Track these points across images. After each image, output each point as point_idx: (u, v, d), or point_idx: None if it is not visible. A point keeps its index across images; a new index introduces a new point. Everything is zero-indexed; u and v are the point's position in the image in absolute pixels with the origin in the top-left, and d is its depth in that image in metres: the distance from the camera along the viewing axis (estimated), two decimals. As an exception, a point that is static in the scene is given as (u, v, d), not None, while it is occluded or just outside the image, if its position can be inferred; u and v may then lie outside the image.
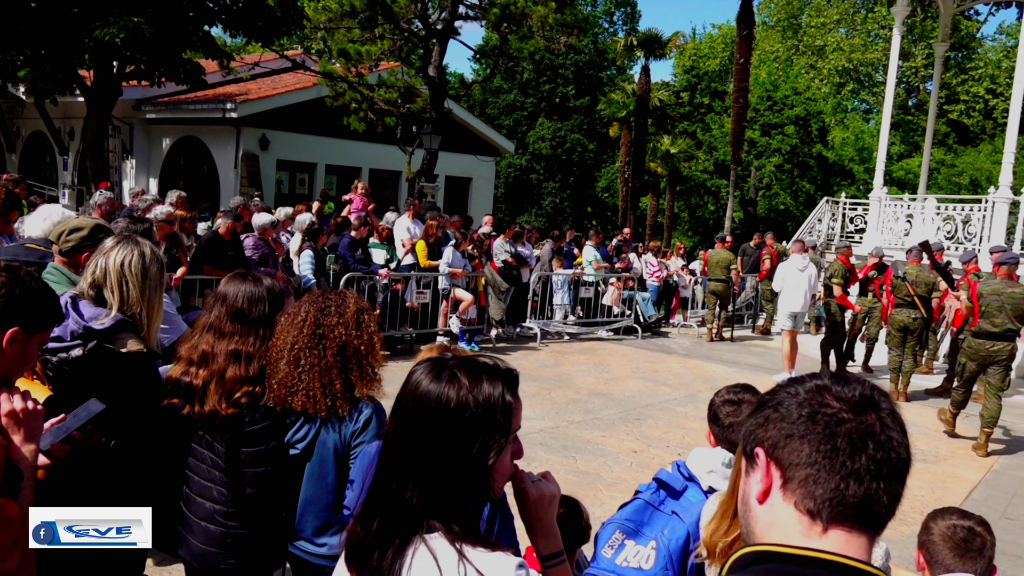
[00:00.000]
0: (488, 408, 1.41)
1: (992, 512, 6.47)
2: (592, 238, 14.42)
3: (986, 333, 8.17)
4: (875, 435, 1.05)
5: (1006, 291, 8.09)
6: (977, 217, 13.31)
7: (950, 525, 2.37)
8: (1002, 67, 31.53)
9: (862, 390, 1.09)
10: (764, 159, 32.17)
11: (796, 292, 11.39)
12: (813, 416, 1.07)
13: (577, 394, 9.41)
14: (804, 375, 1.17)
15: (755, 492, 1.10)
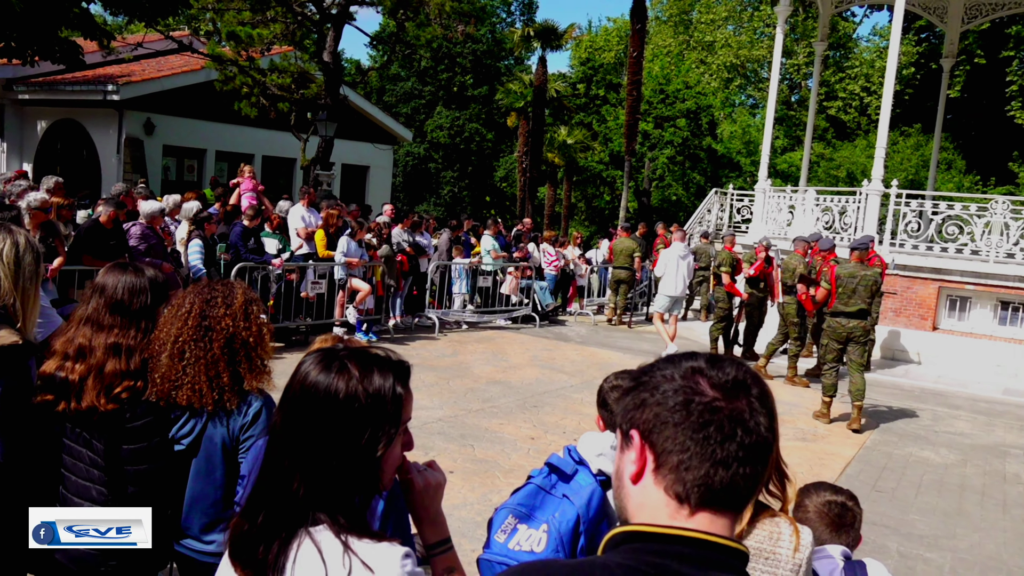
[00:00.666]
0: (378, 399, 1.40)
1: (863, 485, 6.89)
2: (490, 227, 14.47)
3: (842, 313, 8.86)
4: (744, 422, 1.09)
5: (860, 273, 8.80)
6: (852, 208, 14.06)
7: (825, 501, 2.51)
8: (875, 67, 33.30)
9: (735, 374, 1.12)
10: (657, 151, 32.97)
11: (676, 278, 12.07)
12: (688, 404, 1.09)
13: (475, 383, 9.45)
14: (680, 354, 1.19)
15: (629, 472, 1.13)
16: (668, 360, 1.17)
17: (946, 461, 7.83)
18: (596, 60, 38.59)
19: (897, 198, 13.58)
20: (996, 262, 12.63)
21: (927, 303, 13.03)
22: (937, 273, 12.94)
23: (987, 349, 12.48)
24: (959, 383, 11.71)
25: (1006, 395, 11.17)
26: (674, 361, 1.16)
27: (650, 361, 1.21)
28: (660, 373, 1.14)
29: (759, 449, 1.09)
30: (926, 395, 10.88)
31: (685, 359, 1.16)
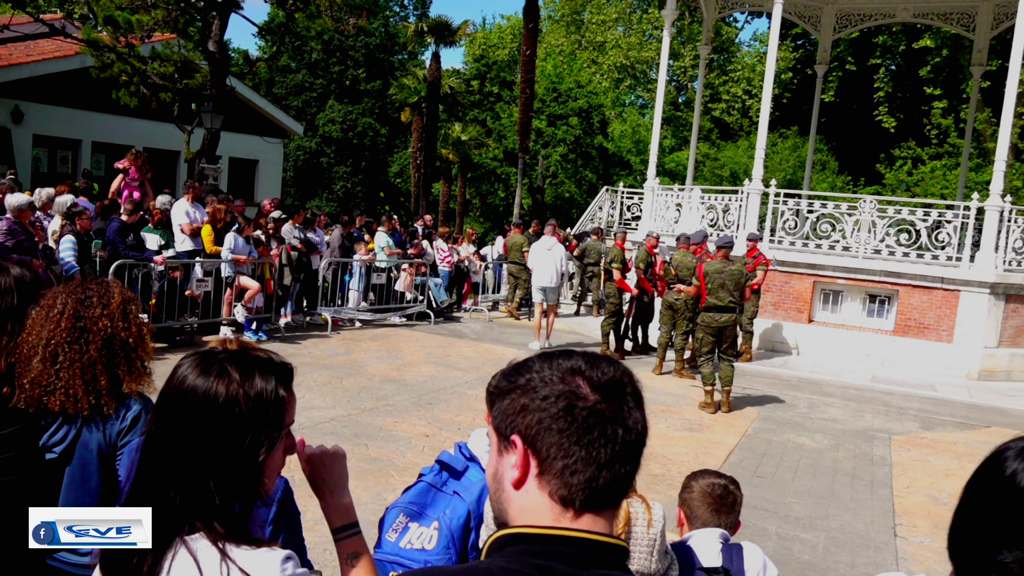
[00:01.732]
0: (260, 403, 1.36)
1: (745, 472, 7.20)
2: (384, 224, 14.33)
3: (713, 307, 9.38)
4: (624, 421, 1.10)
5: (726, 269, 9.36)
6: (735, 207, 14.65)
7: (708, 483, 2.61)
8: (756, 71, 34.79)
9: (612, 373, 1.13)
10: (550, 148, 33.41)
11: (545, 270, 12.38)
12: (571, 410, 1.08)
13: (369, 381, 9.34)
14: (555, 352, 1.17)
15: (511, 477, 1.12)
16: (544, 359, 1.15)
17: (820, 446, 8.27)
18: (490, 57, 38.74)
19: (776, 197, 14.23)
20: (864, 258, 13.43)
21: (803, 297, 13.73)
22: (812, 268, 13.65)
23: (857, 340, 13.27)
24: (832, 372, 12.40)
25: (873, 383, 11.91)
26: (550, 361, 1.14)
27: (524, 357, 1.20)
28: (538, 376, 1.12)
29: (637, 446, 1.11)
30: (803, 384, 11.47)
31: (561, 358, 1.14)
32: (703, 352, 9.52)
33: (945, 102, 27.40)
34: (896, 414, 10.00)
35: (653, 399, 9.68)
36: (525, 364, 1.16)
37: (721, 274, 9.33)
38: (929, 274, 12.89)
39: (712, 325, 9.37)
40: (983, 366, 12.57)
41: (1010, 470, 1.12)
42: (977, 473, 1.18)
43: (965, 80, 24.11)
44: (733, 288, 9.33)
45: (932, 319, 12.89)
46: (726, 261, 9.48)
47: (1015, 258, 13.02)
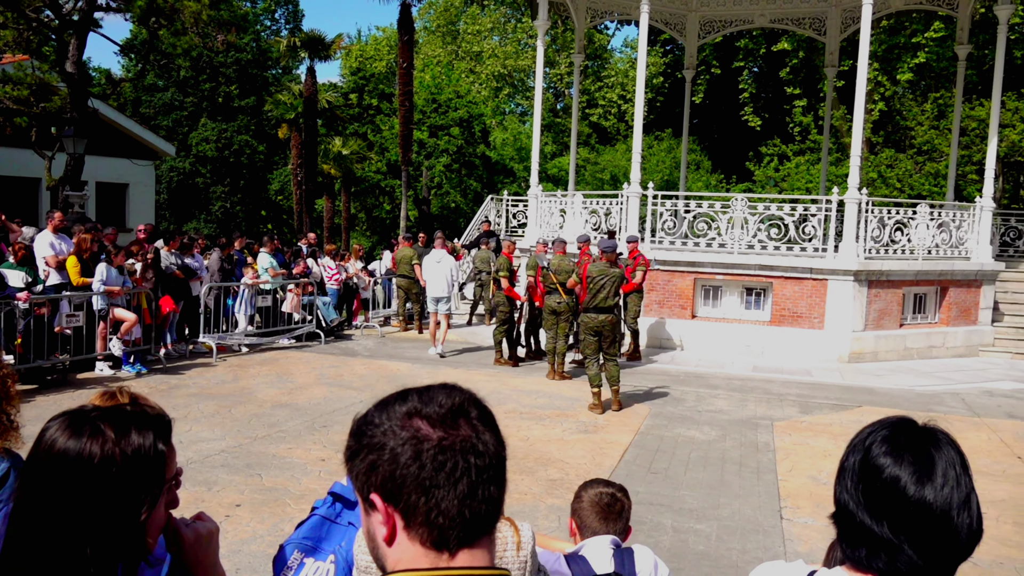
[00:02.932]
0: (138, 461, 1.32)
1: (640, 469, 7.42)
2: (266, 244, 13.97)
3: (595, 308, 9.70)
4: (474, 447, 1.11)
5: (608, 272, 9.70)
6: (616, 209, 15.06)
7: (596, 493, 2.67)
8: (629, 76, 35.84)
9: (449, 401, 1.13)
10: (434, 159, 33.39)
11: (437, 281, 13.06)
12: (419, 456, 1.08)
13: (260, 408, 9.09)
14: (391, 397, 1.17)
15: (381, 534, 1.12)
16: (381, 409, 1.15)
17: (709, 438, 8.60)
18: (367, 69, 38.40)
19: (654, 199, 14.72)
20: (740, 253, 14.07)
21: (686, 293, 14.25)
22: (692, 266, 14.18)
23: (737, 332, 13.87)
24: (717, 364, 12.92)
25: (755, 372, 12.48)
26: (387, 409, 1.14)
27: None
28: (379, 430, 1.12)
29: (495, 467, 1.12)
30: (690, 378, 11.89)
31: (397, 403, 1.15)
32: (587, 353, 9.81)
33: (805, 101, 29.00)
34: (777, 401, 10.51)
35: (548, 404, 9.85)
36: (367, 420, 1.15)
37: (604, 276, 9.65)
38: (799, 265, 13.62)
39: (591, 325, 9.71)
40: (852, 349, 13.38)
41: (873, 456, 1.33)
42: (846, 456, 1.39)
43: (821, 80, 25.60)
44: (614, 291, 9.71)
45: (804, 308, 13.62)
46: (609, 264, 9.79)
47: (874, 246, 13.94)
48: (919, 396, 11.26)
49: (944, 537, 1.30)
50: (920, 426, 1.40)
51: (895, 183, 26.30)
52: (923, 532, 1.29)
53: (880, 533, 1.30)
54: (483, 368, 12.16)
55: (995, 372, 13.33)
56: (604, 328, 9.68)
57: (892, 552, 1.30)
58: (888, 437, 1.36)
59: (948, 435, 1.38)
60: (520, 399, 10.09)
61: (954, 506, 1.31)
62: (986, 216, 15.14)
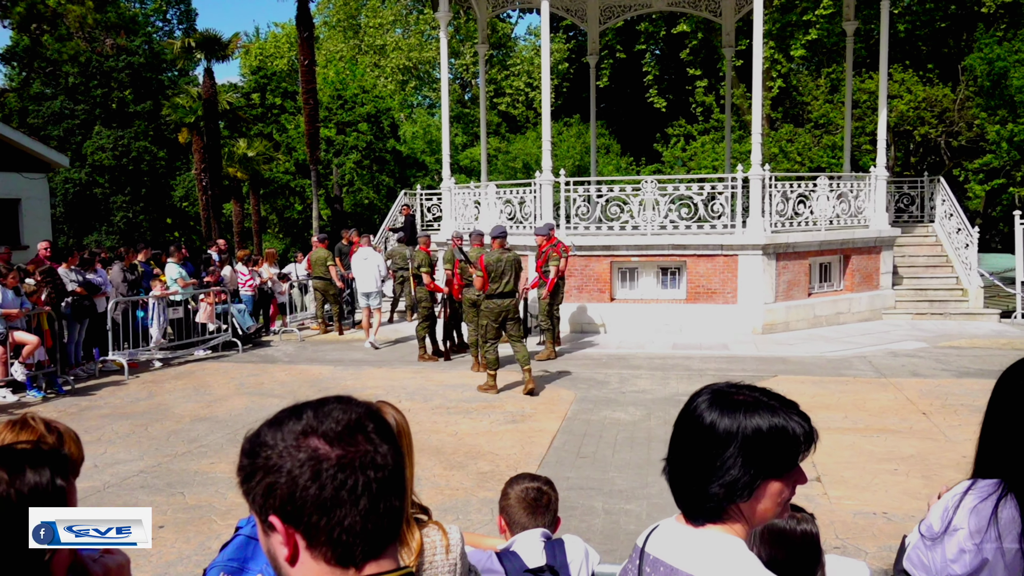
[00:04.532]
0: (36, 499, 1.27)
1: (569, 454, 7.51)
2: (173, 254, 13.53)
3: (497, 294, 10.09)
4: (373, 462, 1.10)
5: (503, 257, 10.15)
6: (530, 198, 15.15)
7: (523, 488, 2.69)
8: (535, 64, 36.02)
9: (345, 416, 1.12)
10: (343, 156, 32.87)
11: (366, 278, 13.69)
12: (318, 476, 1.07)
13: (178, 424, 8.83)
14: (284, 414, 1.15)
15: (282, 555, 1.10)
16: (275, 427, 1.12)
17: (634, 418, 8.78)
18: (268, 68, 37.46)
19: (567, 185, 14.87)
20: (653, 234, 14.34)
21: (603, 277, 14.45)
22: (608, 250, 14.40)
23: (655, 312, 14.16)
24: (637, 345, 13.17)
25: (674, 349, 12.77)
26: (281, 428, 1.12)
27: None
28: (274, 451, 1.10)
29: (394, 479, 1.12)
30: (612, 360, 12.08)
31: (291, 420, 1.12)
32: (489, 338, 10.16)
33: (706, 81, 29.70)
34: (697, 376, 10.78)
35: (475, 397, 9.86)
36: (260, 440, 1.13)
37: (500, 262, 10.06)
38: (710, 243, 13.98)
39: (496, 311, 10.07)
40: (765, 321, 13.83)
41: (707, 419, 1.52)
42: (679, 420, 1.59)
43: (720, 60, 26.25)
44: (514, 275, 10.13)
45: (718, 284, 14.00)
46: (502, 250, 10.25)
47: (779, 220, 14.42)
48: (829, 362, 11.73)
49: None
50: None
51: (796, 157, 27.23)
52: None
53: (719, 492, 1.55)
54: (408, 365, 12.09)
55: (898, 333, 13.99)
56: (508, 312, 10.10)
57: None
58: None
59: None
60: (447, 394, 10.08)
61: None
62: (881, 185, 15.84)
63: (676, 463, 1.57)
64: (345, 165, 32.76)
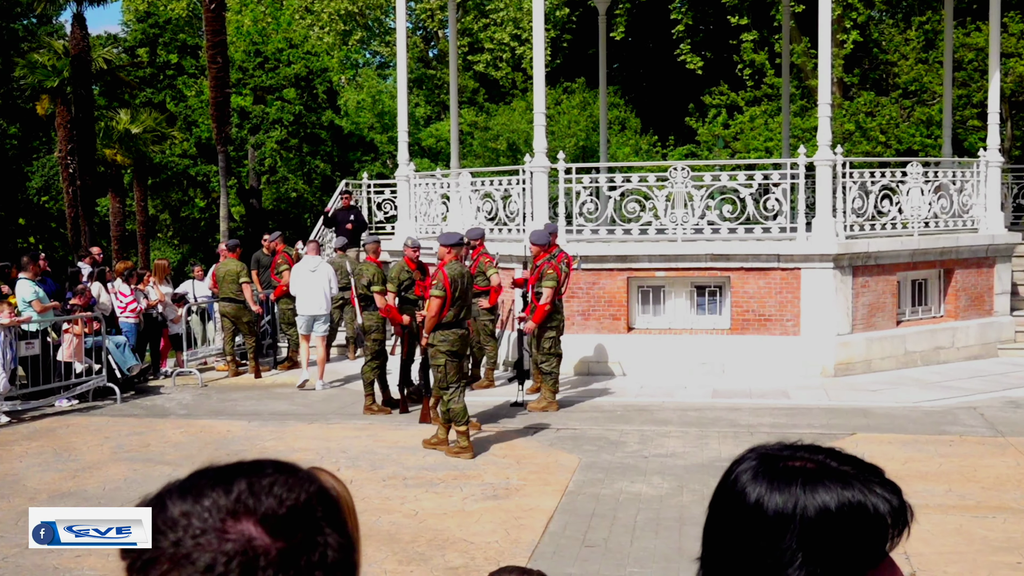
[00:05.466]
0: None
1: (572, 542, 7.48)
2: (27, 268, 13.47)
3: (455, 321, 10.17)
4: (323, 557, 1.09)
5: (464, 272, 10.32)
6: (517, 191, 15.21)
7: (509, 587, 2.66)
8: (524, 9, 36.11)
9: (296, 496, 1.11)
10: (263, 134, 32.88)
11: (311, 295, 13.90)
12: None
13: (31, 501, 8.75)
14: (204, 476, 1.12)
15: None
16: (188, 496, 1.09)
17: (660, 492, 8.76)
18: (161, 14, 37.53)
19: (567, 174, 14.93)
20: (685, 240, 14.42)
21: (617, 299, 14.48)
22: (624, 261, 14.45)
23: (688, 346, 14.19)
24: (664, 391, 13.19)
25: (715, 398, 12.80)
26: (199, 499, 1.08)
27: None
28: (188, 534, 1.06)
29: (344, 572, 1.11)
30: (630, 412, 12.09)
31: (217, 489, 1.09)
32: (451, 382, 10.11)
33: (756, 34, 29.88)
34: (746, 435, 10.78)
35: (441, 463, 9.84)
36: (166, 512, 1.08)
37: (463, 278, 10.16)
38: (762, 252, 14.06)
39: (457, 344, 10.16)
40: (838, 358, 13.90)
41: (752, 496, 1.39)
42: (715, 497, 1.48)
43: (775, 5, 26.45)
44: (471, 295, 10.40)
45: (773, 308, 14.07)
46: (460, 263, 10.37)
47: (856, 221, 14.52)
48: (926, 415, 11.77)
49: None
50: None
51: (878, 136, 27.43)
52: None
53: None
54: (350, 419, 12.06)
55: (1020, 376, 14.05)
56: (468, 344, 10.45)
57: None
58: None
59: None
60: (403, 459, 10.04)
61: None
62: (993, 173, 15.97)
63: (713, 558, 1.47)
64: (265, 146, 32.80)
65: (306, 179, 34.11)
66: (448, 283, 10.01)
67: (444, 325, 10.11)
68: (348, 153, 34.99)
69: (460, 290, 10.12)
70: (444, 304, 10.03)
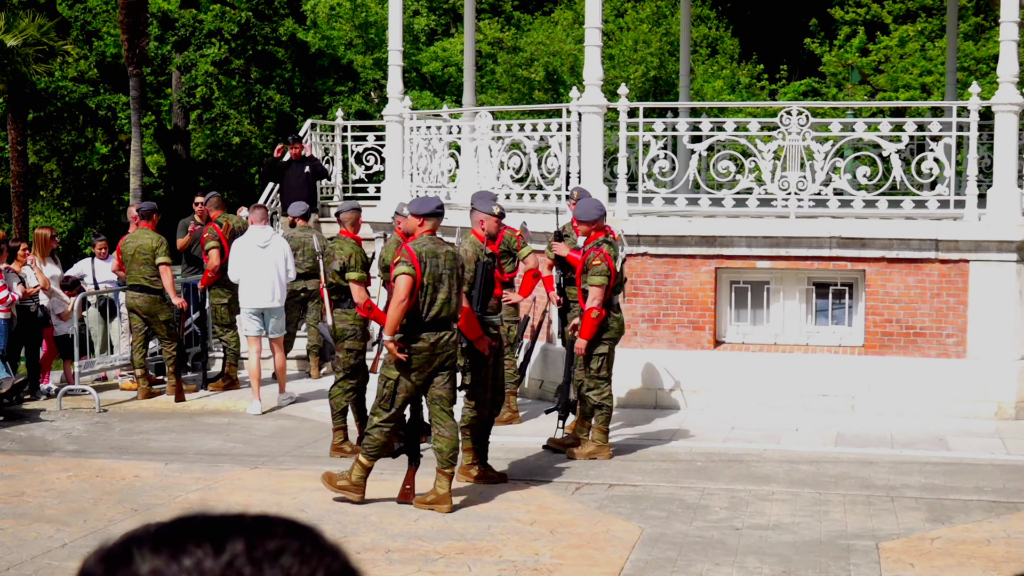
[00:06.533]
0: None
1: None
2: None
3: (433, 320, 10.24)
4: None
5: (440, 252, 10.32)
6: (559, 140, 15.14)
7: None
8: None
9: (306, 570, 1.10)
10: (193, 51, 32.96)
11: (259, 280, 13.82)
12: None
13: None
14: (174, 531, 1.11)
15: None
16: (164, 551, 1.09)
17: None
18: None
19: (631, 116, 14.84)
20: (800, 216, 14.30)
21: (700, 300, 14.39)
22: (710, 245, 14.35)
23: (802, 369, 14.08)
24: (766, 434, 13.09)
25: (839, 446, 12.68)
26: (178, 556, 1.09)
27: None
28: None
29: None
30: (716, 464, 12.00)
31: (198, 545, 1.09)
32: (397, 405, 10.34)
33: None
34: (884, 500, 10.70)
35: (437, 530, 9.84)
36: (129, 568, 1.09)
37: (436, 258, 10.14)
38: (913, 236, 13.94)
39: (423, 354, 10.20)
40: (1022, 393, 13.75)
41: None
42: None
43: None
44: (457, 286, 10.30)
45: (927, 317, 13.96)
46: (436, 239, 10.36)
47: (1053, 194, 14.36)
48: None
49: None
50: None
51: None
52: None
53: None
54: (311, 463, 12.05)
55: None
56: (449, 357, 10.35)
57: None
58: None
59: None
60: (386, 523, 10.06)
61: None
62: None
63: None
64: (197, 68, 32.88)
65: (255, 118, 34.15)
66: (416, 260, 10.05)
67: (412, 327, 10.13)
68: (316, 81, 35.00)
69: (433, 276, 10.13)
70: (414, 287, 10.05)
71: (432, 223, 10.44)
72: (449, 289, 10.25)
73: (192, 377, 16.01)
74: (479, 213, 11.49)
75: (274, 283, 13.95)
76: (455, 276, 10.33)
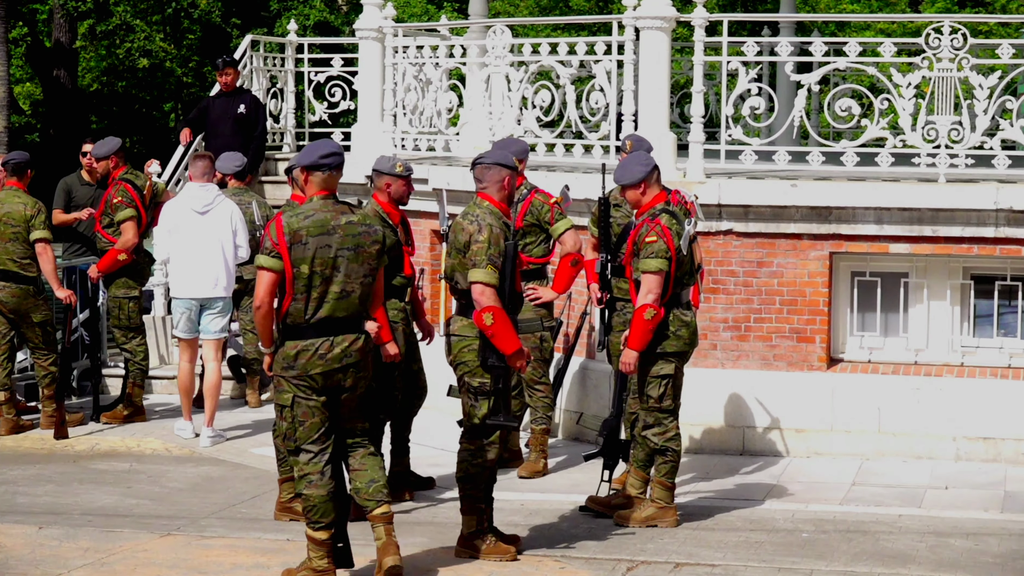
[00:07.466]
0: None
1: None
2: None
3: (314, 322, 9.88)
4: None
5: (355, 233, 10.03)
6: (605, 67, 15.01)
7: None
8: None
9: None
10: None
11: (198, 260, 13.89)
12: None
13: None
14: None
15: None
16: None
17: None
18: None
19: (709, 35, 14.73)
20: (953, 180, 14.08)
21: (809, 298, 14.24)
22: (823, 219, 14.20)
23: (956, 398, 13.88)
24: (901, 493, 12.93)
25: (1007, 512, 12.46)
26: None
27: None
28: None
29: None
30: (828, 536, 11.80)
31: None
32: (304, 438, 9.94)
33: None
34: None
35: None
36: None
37: (329, 234, 9.80)
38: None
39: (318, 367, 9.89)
40: None
41: None
42: None
43: None
44: (364, 272, 9.99)
45: None
46: (332, 203, 10.00)
47: None
48: None
49: None
50: None
51: None
52: None
53: None
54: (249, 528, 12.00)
55: None
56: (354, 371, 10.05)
57: None
58: None
59: None
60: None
61: None
62: None
63: None
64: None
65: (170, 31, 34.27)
66: (284, 242, 9.72)
67: (292, 328, 9.84)
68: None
69: (323, 262, 9.73)
70: (282, 283, 9.82)
71: (322, 179, 9.97)
72: (348, 278, 9.92)
73: (79, 403, 15.90)
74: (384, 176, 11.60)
75: (218, 264, 13.87)
76: (361, 258, 9.95)
